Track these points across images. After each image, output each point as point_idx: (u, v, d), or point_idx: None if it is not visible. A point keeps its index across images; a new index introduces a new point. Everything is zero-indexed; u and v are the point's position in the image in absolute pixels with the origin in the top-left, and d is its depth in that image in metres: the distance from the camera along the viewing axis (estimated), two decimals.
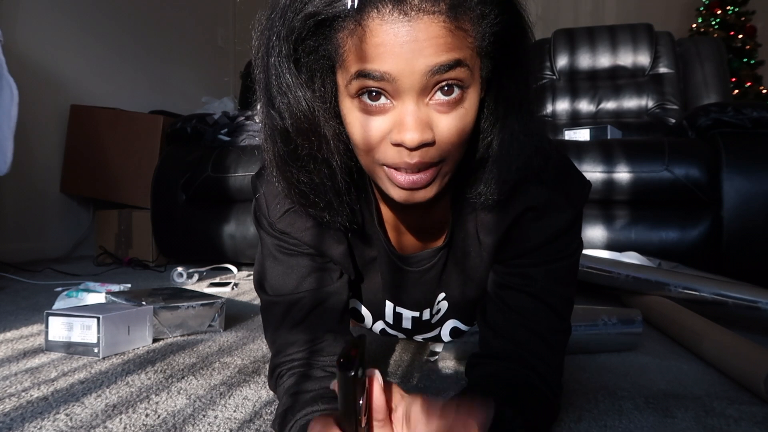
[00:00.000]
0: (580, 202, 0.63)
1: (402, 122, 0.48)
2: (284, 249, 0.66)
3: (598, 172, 1.86)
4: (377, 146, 0.50)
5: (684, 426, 0.69)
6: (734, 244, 1.75)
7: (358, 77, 0.48)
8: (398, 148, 0.49)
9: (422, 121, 0.48)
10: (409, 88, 0.47)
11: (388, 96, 0.48)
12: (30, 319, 1.29)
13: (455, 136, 0.50)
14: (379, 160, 0.51)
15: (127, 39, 3.17)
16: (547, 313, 0.62)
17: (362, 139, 0.51)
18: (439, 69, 0.46)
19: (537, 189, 0.60)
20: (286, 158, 0.54)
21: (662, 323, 1.21)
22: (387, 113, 0.49)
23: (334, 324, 0.67)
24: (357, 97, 0.49)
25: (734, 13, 4.26)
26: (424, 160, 0.49)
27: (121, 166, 2.62)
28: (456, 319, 0.76)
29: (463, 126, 0.50)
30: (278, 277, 0.67)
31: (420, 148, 0.49)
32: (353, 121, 0.51)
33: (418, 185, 0.51)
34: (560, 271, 0.63)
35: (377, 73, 0.47)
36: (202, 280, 1.98)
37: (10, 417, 0.70)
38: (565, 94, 2.74)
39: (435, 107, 0.49)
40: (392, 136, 0.49)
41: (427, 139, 0.48)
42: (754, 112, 1.83)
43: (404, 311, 0.75)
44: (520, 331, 0.62)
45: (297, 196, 0.58)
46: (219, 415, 0.71)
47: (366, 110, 0.49)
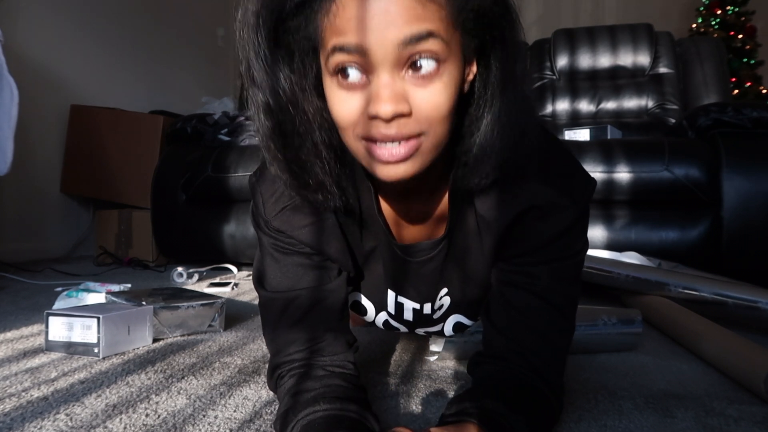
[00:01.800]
0: (585, 200, 0.62)
1: (377, 95, 0.49)
2: (281, 248, 0.66)
3: (598, 172, 1.86)
4: (356, 122, 0.51)
5: (684, 426, 0.69)
6: (734, 244, 1.75)
7: (333, 52, 0.49)
8: (375, 121, 0.50)
9: (397, 93, 0.48)
10: (382, 59, 0.48)
11: (364, 71, 0.49)
12: (30, 319, 1.29)
13: (432, 110, 0.50)
14: (359, 134, 0.51)
15: (127, 39, 3.17)
16: (550, 312, 0.62)
17: (342, 114, 0.51)
18: (410, 40, 0.47)
19: (540, 187, 0.60)
20: (270, 134, 0.55)
21: (662, 323, 1.21)
22: (364, 88, 0.50)
23: (334, 322, 0.67)
24: (335, 75, 0.50)
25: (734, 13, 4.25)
26: (402, 131, 0.49)
27: (121, 166, 2.62)
28: (459, 314, 0.75)
29: (442, 100, 0.50)
30: (276, 275, 0.67)
31: (395, 119, 0.49)
32: (333, 99, 0.52)
33: (397, 158, 0.50)
34: (564, 270, 0.63)
35: (350, 46, 0.48)
36: (202, 280, 1.98)
37: (11, 417, 0.70)
38: (565, 94, 2.74)
39: (410, 80, 0.49)
40: (368, 110, 0.49)
41: (401, 110, 0.48)
42: (754, 112, 1.83)
43: (406, 301, 0.75)
44: (523, 330, 0.62)
45: (287, 175, 0.58)
46: (219, 415, 0.71)
47: (344, 87, 0.50)
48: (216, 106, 2.85)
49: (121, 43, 3.12)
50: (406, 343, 1.06)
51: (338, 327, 0.67)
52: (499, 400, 0.56)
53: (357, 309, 0.79)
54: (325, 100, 0.54)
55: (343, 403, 0.57)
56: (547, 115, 2.73)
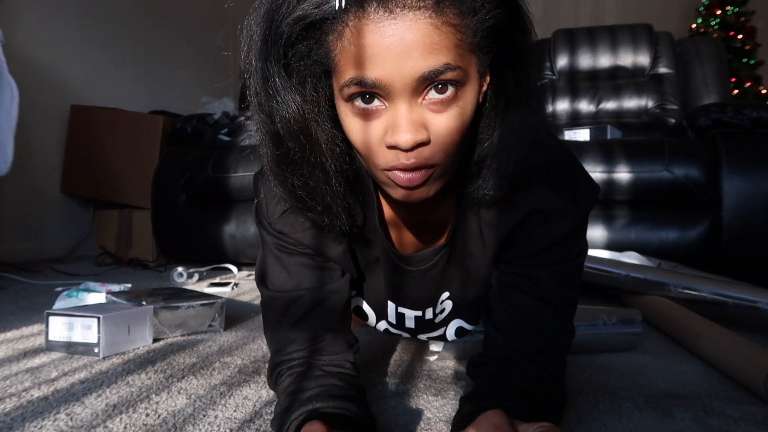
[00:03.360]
0: (588, 206, 0.63)
1: (395, 124, 0.48)
2: (283, 248, 0.66)
3: (598, 172, 1.86)
4: (375, 149, 0.51)
5: (684, 426, 0.69)
6: (734, 244, 1.75)
7: (350, 85, 0.48)
8: (394, 151, 0.49)
9: (415, 122, 0.48)
10: (401, 91, 0.47)
11: (381, 98, 0.49)
12: (30, 319, 1.29)
13: (450, 136, 0.50)
14: (379, 165, 0.51)
15: (127, 39, 3.17)
16: (551, 315, 0.62)
17: (361, 142, 0.51)
18: (429, 75, 0.46)
19: (544, 191, 0.60)
20: (279, 162, 0.55)
21: (662, 323, 1.21)
22: (381, 115, 0.49)
23: (335, 323, 0.67)
24: (350, 101, 0.50)
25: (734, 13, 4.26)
26: (420, 159, 0.49)
27: (121, 166, 2.62)
28: (461, 318, 0.76)
29: (459, 124, 0.50)
30: (278, 274, 0.67)
31: (415, 149, 0.49)
32: (350, 125, 0.51)
33: (414, 183, 0.51)
34: (564, 273, 0.63)
35: (368, 81, 0.47)
36: (202, 280, 1.98)
37: (11, 417, 0.70)
38: (565, 94, 2.74)
39: (429, 106, 0.49)
40: (386, 139, 0.49)
41: (421, 139, 0.48)
42: (754, 112, 1.83)
43: (407, 311, 0.75)
44: (525, 330, 0.62)
45: (293, 200, 0.58)
46: (219, 414, 0.71)
47: (360, 114, 0.50)
48: (216, 106, 2.85)
49: (121, 43, 3.12)
50: (406, 343, 1.06)
51: (339, 327, 0.67)
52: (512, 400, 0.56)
53: (359, 314, 0.79)
54: (338, 124, 0.53)
55: (339, 402, 0.57)
56: (547, 115, 2.73)
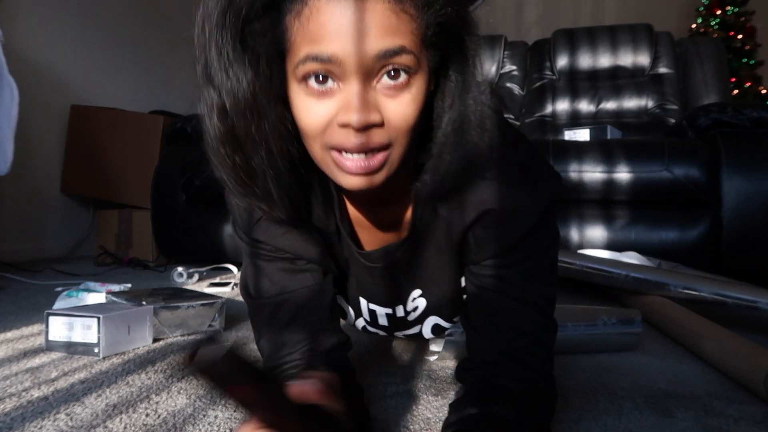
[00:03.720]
0: (548, 196, 0.61)
1: (348, 103, 0.48)
2: (263, 256, 0.66)
3: (598, 172, 1.86)
4: (324, 130, 0.50)
5: (684, 426, 0.69)
6: (734, 244, 1.75)
7: (305, 61, 0.48)
8: (345, 130, 0.49)
9: (368, 103, 0.48)
10: (356, 70, 0.47)
11: (335, 79, 0.49)
12: (30, 319, 1.29)
13: (402, 121, 0.50)
14: (327, 143, 0.50)
15: (127, 39, 3.16)
16: (530, 313, 0.62)
17: (309, 122, 0.50)
18: (384, 54, 0.47)
19: (497, 187, 0.59)
20: (222, 138, 0.53)
21: (662, 323, 1.21)
22: (334, 96, 0.49)
23: (324, 322, 0.67)
24: (304, 81, 0.49)
25: (734, 13, 4.26)
26: (372, 141, 0.49)
27: (121, 166, 2.62)
28: (435, 315, 0.75)
29: (411, 112, 0.50)
30: (261, 282, 0.67)
31: (366, 130, 0.49)
32: (300, 106, 0.50)
33: (364, 170, 0.50)
34: (536, 270, 0.62)
35: (324, 56, 0.47)
36: (202, 280, 1.98)
37: (11, 417, 0.70)
38: (565, 94, 2.74)
39: (382, 91, 0.49)
40: (339, 118, 0.49)
41: (373, 120, 0.48)
42: (754, 112, 1.83)
43: (377, 308, 0.75)
44: (506, 331, 0.62)
45: (234, 182, 0.56)
46: (219, 414, 0.71)
47: (313, 94, 0.49)
48: None
49: (121, 43, 3.12)
50: (406, 343, 1.06)
51: (329, 326, 0.67)
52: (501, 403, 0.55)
53: (341, 313, 0.79)
54: (288, 107, 0.53)
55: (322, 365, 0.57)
56: (547, 115, 2.73)
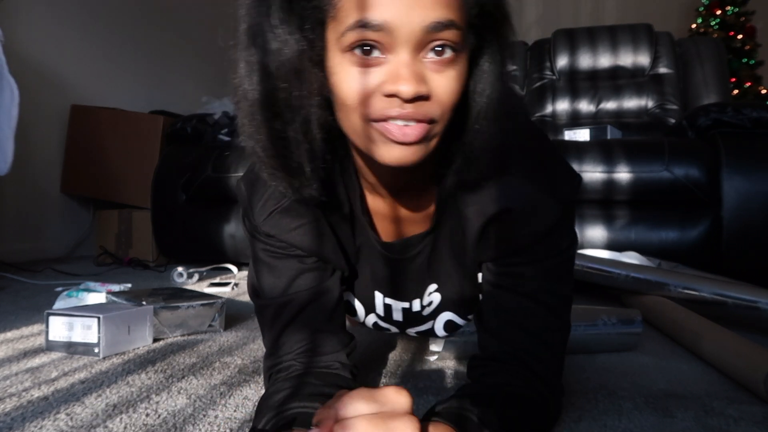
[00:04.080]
0: (568, 195, 0.61)
1: (397, 73, 0.47)
2: (272, 252, 0.65)
3: (598, 172, 1.86)
4: (368, 100, 0.49)
5: (684, 426, 0.69)
6: (734, 244, 1.75)
7: (355, 28, 0.47)
8: (391, 100, 0.48)
9: (418, 74, 0.48)
10: (406, 40, 0.47)
11: (383, 50, 0.48)
12: (30, 319, 1.29)
13: (447, 96, 0.49)
14: (370, 114, 0.49)
15: (127, 39, 3.16)
16: (542, 313, 0.61)
17: (351, 91, 0.49)
18: (436, 26, 0.46)
19: (520, 183, 0.59)
20: (262, 102, 0.52)
21: (662, 323, 1.21)
22: (380, 66, 0.48)
23: (326, 324, 0.66)
24: (349, 50, 0.48)
25: (734, 13, 4.26)
26: (418, 112, 0.48)
27: (121, 166, 2.62)
28: (450, 311, 0.74)
29: (456, 88, 0.50)
30: (268, 281, 0.66)
31: (414, 101, 0.48)
32: (342, 75, 0.49)
33: (409, 138, 0.49)
34: (554, 269, 0.62)
35: (376, 23, 0.46)
36: (202, 280, 1.98)
37: (11, 417, 0.70)
38: (565, 94, 2.74)
39: (428, 65, 0.48)
40: (386, 87, 0.48)
41: (422, 91, 0.48)
42: (754, 112, 1.83)
43: (393, 302, 0.74)
44: (516, 332, 0.61)
45: (268, 153, 0.54)
46: (219, 414, 0.71)
47: (358, 63, 0.48)
48: (216, 106, 2.85)
49: (122, 43, 3.12)
50: (406, 343, 1.06)
51: (330, 328, 0.66)
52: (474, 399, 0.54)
53: (348, 310, 0.78)
54: (326, 76, 0.51)
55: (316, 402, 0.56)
56: (547, 115, 2.73)
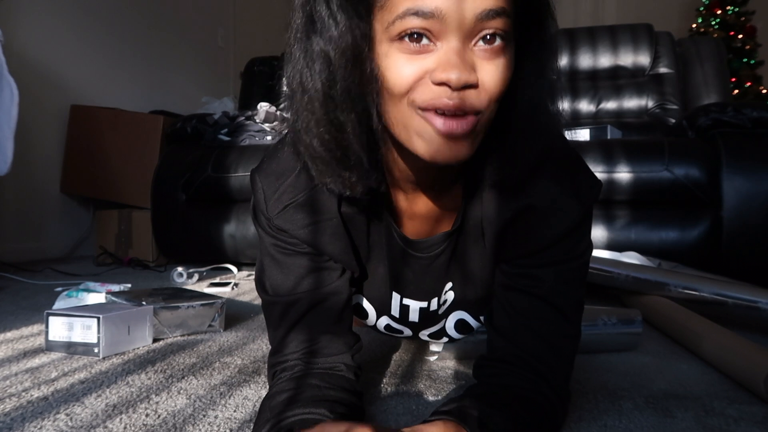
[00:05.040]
0: (589, 200, 0.61)
1: (447, 61, 0.46)
2: (282, 248, 0.64)
3: (598, 172, 1.86)
4: (415, 87, 0.48)
5: (684, 426, 0.69)
6: (734, 244, 1.75)
7: (404, 16, 0.46)
8: (440, 88, 0.47)
9: (468, 62, 0.47)
10: (457, 27, 0.46)
11: (432, 38, 0.47)
12: (30, 319, 1.29)
13: (496, 85, 0.48)
14: (416, 101, 0.48)
15: (127, 39, 3.16)
16: (555, 316, 0.61)
17: (400, 78, 0.48)
18: (487, 14, 0.46)
19: (545, 184, 0.58)
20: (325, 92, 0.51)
21: (662, 323, 1.21)
22: (429, 54, 0.47)
23: (332, 325, 0.66)
24: (398, 38, 0.47)
25: (734, 13, 4.26)
26: (465, 103, 0.47)
27: (121, 166, 2.62)
28: (462, 310, 0.73)
29: (504, 78, 0.49)
30: (277, 278, 0.66)
31: (463, 90, 0.47)
32: (391, 63, 0.48)
33: (456, 132, 0.48)
34: (569, 273, 0.62)
35: (426, 9, 0.45)
36: (202, 280, 1.98)
37: (11, 417, 0.70)
38: (565, 94, 2.73)
39: (478, 53, 0.48)
40: (435, 75, 0.47)
41: (471, 80, 0.47)
42: (754, 112, 1.83)
43: (411, 302, 0.73)
44: (526, 334, 0.61)
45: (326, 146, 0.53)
46: (219, 415, 0.71)
47: (408, 50, 0.47)
48: (216, 106, 2.85)
49: (122, 43, 3.12)
50: (406, 343, 1.06)
51: (336, 329, 0.66)
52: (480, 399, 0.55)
53: (358, 313, 0.78)
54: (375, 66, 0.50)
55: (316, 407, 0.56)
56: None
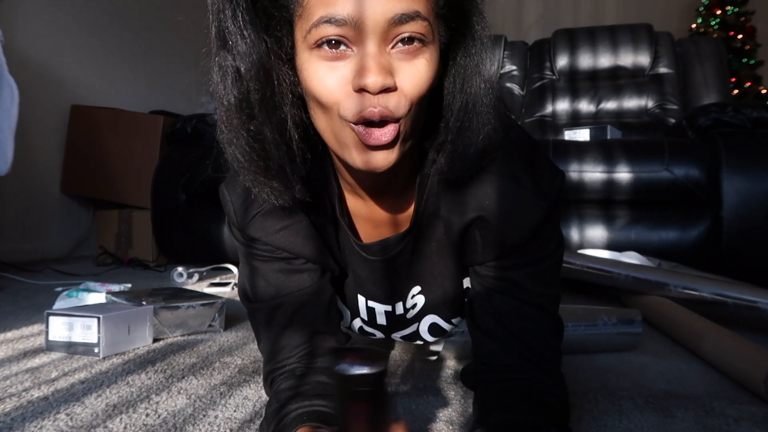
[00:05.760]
0: (552, 192, 0.59)
1: (364, 66, 0.47)
2: (259, 256, 0.65)
3: (598, 172, 1.86)
4: (339, 98, 0.49)
5: (684, 426, 0.69)
6: (734, 244, 1.75)
7: (319, 24, 0.47)
8: (361, 96, 0.48)
9: (384, 66, 0.48)
10: (371, 32, 0.47)
11: (349, 44, 0.48)
12: (30, 319, 1.29)
13: (415, 87, 0.49)
14: (344, 114, 0.49)
15: (127, 39, 3.17)
16: (537, 315, 0.61)
17: (324, 89, 0.49)
18: (401, 18, 0.47)
19: (503, 183, 0.58)
20: (237, 105, 0.52)
21: (662, 323, 1.21)
22: (348, 60, 0.48)
23: (322, 324, 0.65)
24: (316, 47, 0.48)
25: (734, 13, 4.26)
26: (388, 107, 0.48)
27: (121, 166, 2.62)
28: (434, 314, 0.73)
29: (425, 77, 0.50)
30: (257, 284, 0.66)
31: (382, 93, 0.48)
32: (312, 73, 0.49)
33: (380, 141, 0.49)
34: (543, 272, 0.61)
35: (339, 17, 0.46)
36: (202, 280, 1.98)
37: (11, 417, 0.70)
38: (565, 94, 2.74)
39: (396, 55, 0.49)
40: (354, 81, 0.48)
41: (389, 83, 0.48)
42: (754, 112, 1.83)
43: (376, 305, 0.73)
44: (516, 333, 0.61)
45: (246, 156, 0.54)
46: (219, 415, 0.71)
47: (326, 58, 0.48)
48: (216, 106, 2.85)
49: (122, 43, 3.12)
50: (406, 344, 1.06)
51: (327, 328, 0.66)
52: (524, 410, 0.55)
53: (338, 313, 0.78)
54: (297, 75, 0.51)
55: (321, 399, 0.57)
56: (547, 115, 2.73)
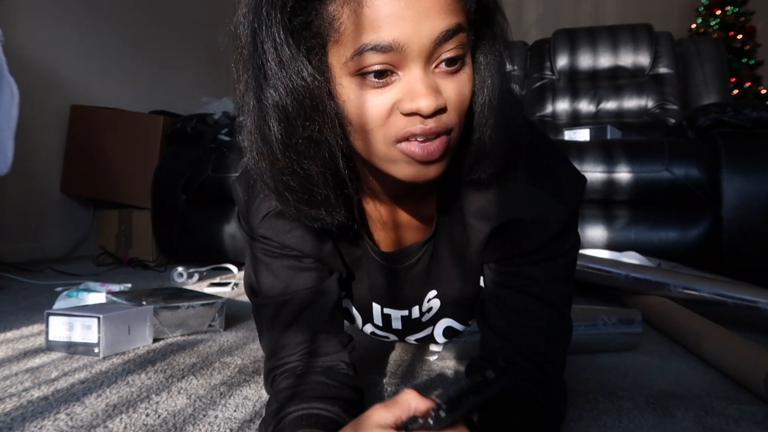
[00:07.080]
0: (574, 199, 0.60)
1: (413, 90, 0.46)
2: (269, 252, 0.65)
3: (598, 172, 1.86)
4: (388, 121, 0.48)
5: (684, 426, 0.69)
6: (734, 244, 1.75)
7: (362, 52, 0.45)
8: (411, 118, 0.47)
9: (433, 88, 0.47)
10: (417, 55, 0.46)
11: (393, 69, 0.46)
12: (30, 319, 1.29)
13: (462, 102, 0.49)
14: (391, 135, 0.48)
15: (127, 39, 3.16)
16: (549, 312, 0.61)
17: (370, 115, 0.47)
18: (444, 36, 0.46)
19: (528, 191, 0.58)
20: (286, 143, 0.49)
21: (662, 323, 1.21)
22: (393, 85, 0.47)
23: (326, 324, 0.66)
24: (359, 76, 0.47)
25: (734, 13, 4.26)
26: (440, 126, 0.48)
27: (121, 166, 2.62)
28: (449, 317, 0.74)
29: (467, 91, 0.50)
30: (265, 279, 0.66)
31: (435, 115, 0.47)
32: (355, 99, 0.47)
33: (434, 156, 0.48)
34: (559, 269, 0.62)
35: (384, 43, 0.45)
36: (202, 280, 1.98)
37: (11, 417, 0.70)
38: (565, 94, 2.74)
39: (440, 74, 0.48)
40: (404, 106, 0.47)
41: (441, 104, 0.47)
42: (754, 112, 1.83)
43: (392, 311, 0.73)
44: (522, 330, 0.61)
45: (290, 193, 0.53)
46: (219, 414, 0.71)
47: (371, 85, 0.47)
48: (216, 106, 2.85)
49: (122, 43, 3.12)
50: (407, 344, 1.06)
51: (330, 328, 0.66)
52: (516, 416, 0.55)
53: (348, 317, 0.78)
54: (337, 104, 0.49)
55: (327, 404, 0.56)
56: (547, 115, 2.73)
